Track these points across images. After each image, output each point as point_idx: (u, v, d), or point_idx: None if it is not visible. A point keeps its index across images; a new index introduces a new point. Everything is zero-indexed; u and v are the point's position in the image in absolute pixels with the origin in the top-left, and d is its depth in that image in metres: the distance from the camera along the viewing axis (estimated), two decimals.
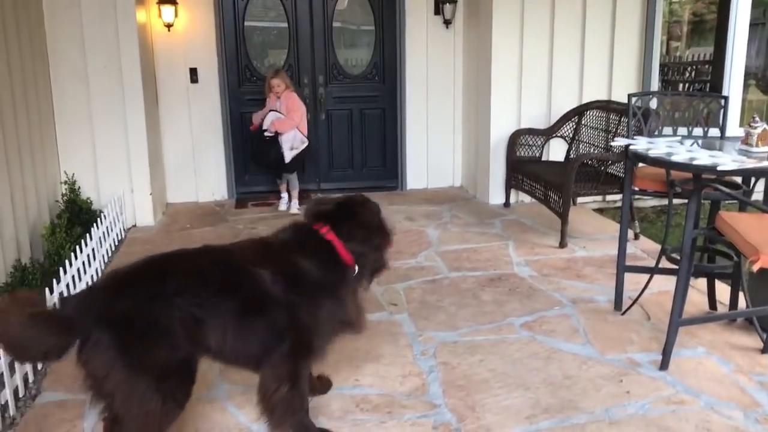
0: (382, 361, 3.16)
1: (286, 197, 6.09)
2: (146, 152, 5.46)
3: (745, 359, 3.13)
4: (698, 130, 4.14)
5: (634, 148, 3.26)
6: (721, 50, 5.95)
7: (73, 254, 3.96)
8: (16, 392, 2.86)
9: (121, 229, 5.27)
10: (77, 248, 4.06)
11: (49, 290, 3.38)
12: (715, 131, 4.07)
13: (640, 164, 3.63)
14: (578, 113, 5.82)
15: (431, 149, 6.74)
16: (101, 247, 4.55)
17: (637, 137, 3.66)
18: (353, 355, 3.18)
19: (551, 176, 5.16)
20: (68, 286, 3.71)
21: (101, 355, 2.03)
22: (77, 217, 4.94)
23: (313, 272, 2.36)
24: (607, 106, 5.54)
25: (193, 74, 6.17)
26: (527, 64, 5.93)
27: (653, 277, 3.56)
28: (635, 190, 3.91)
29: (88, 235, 4.34)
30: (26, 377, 2.99)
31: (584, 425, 2.63)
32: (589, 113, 5.73)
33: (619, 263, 3.68)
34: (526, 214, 5.76)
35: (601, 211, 5.98)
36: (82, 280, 3.96)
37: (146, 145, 5.45)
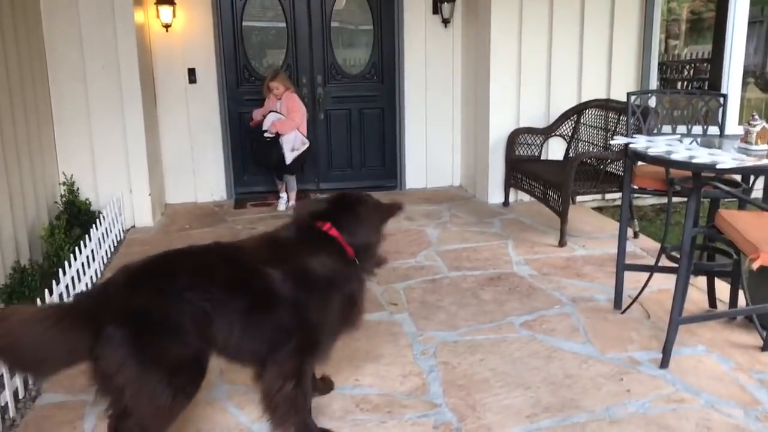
0: (382, 361, 3.16)
1: (285, 197, 6.09)
2: (145, 153, 5.46)
3: (745, 357, 3.13)
4: (697, 128, 4.15)
5: (633, 146, 3.26)
6: (719, 48, 5.95)
7: (72, 255, 3.96)
8: (16, 394, 2.85)
9: (119, 230, 5.26)
10: (76, 249, 4.06)
11: (48, 292, 3.38)
12: (714, 129, 4.07)
13: (639, 163, 3.63)
14: (577, 112, 5.82)
15: (430, 149, 6.73)
16: (100, 248, 4.55)
17: (636, 136, 3.66)
18: (353, 355, 3.18)
19: (550, 175, 5.16)
20: (67, 287, 3.71)
21: (115, 351, 2.03)
22: (76, 218, 4.93)
23: (322, 269, 2.38)
24: (606, 104, 5.54)
25: (191, 74, 6.16)
26: (526, 63, 5.93)
27: (653, 275, 3.56)
28: (634, 188, 3.91)
29: (87, 236, 4.34)
30: (26, 379, 2.97)
31: (585, 424, 2.63)
32: (587, 112, 5.73)
33: (618, 262, 3.68)
34: (525, 213, 5.76)
35: (600, 209, 5.98)
36: (81, 281, 3.95)
37: (145, 145, 5.45)
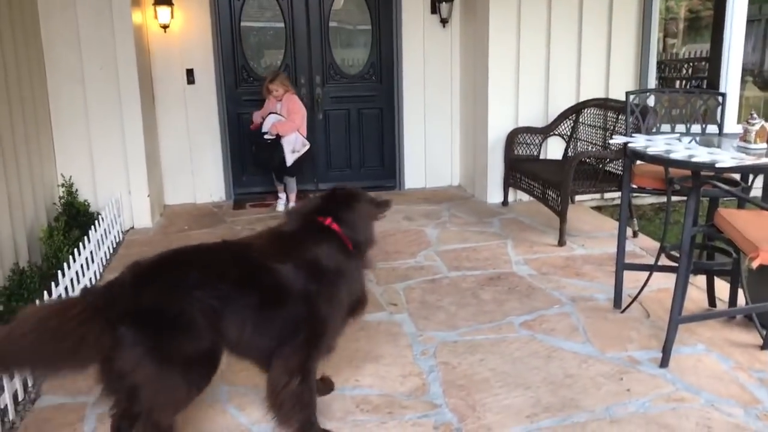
0: (382, 361, 3.16)
1: (284, 198, 6.08)
2: (143, 154, 5.45)
3: (744, 356, 3.13)
4: (696, 127, 4.15)
5: (632, 145, 3.26)
6: (718, 47, 5.95)
7: (71, 257, 3.95)
8: (15, 396, 2.85)
9: (118, 231, 5.25)
10: (75, 251, 4.05)
11: (47, 293, 3.38)
12: (712, 128, 4.07)
13: (638, 162, 3.63)
14: (576, 111, 5.82)
15: (429, 149, 6.73)
16: (99, 249, 4.54)
17: (635, 135, 3.66)
18: (353, 355, 3.18)
19: (549, 175, 5.16)
20: (66, 289, 3.70)
21: (130, 351, 2.04)
22: (75, 219, 4.93)
23: (328, 261, 2.44)
24: (604, 103, 5.53)
25: (189, 75, 6.15)
26: (524, 62, 5.93)
27: (652, 274, 3.56)
28: (634, 187, 3.92)
29: (86, 237, 4.33)
30: (25, 381, 2.97)
31: (585, 424, 2.63)
32: (586, 111, 5.73)
33: (618, 261, 3.68)
34: (524, 212, 5.76)
35: (599, 209, 5.98)
36: (80, 282, 3.95)
37: (143, 146, 5.44)
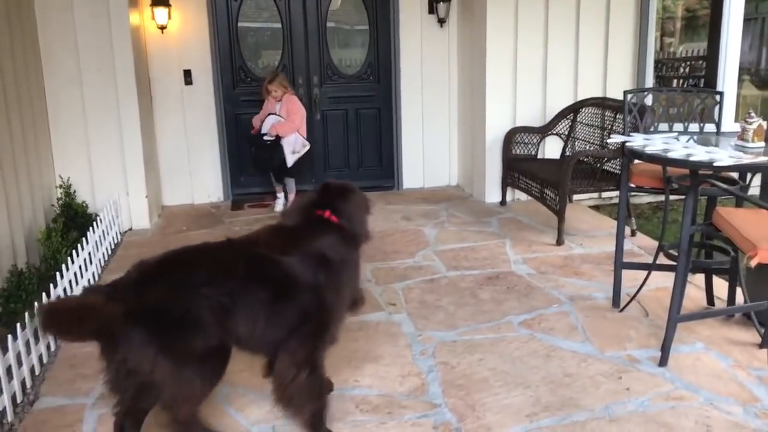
0: (381, 361, 3.15)
1: (282, 198, 6.07)
2: (141, 155, 5.44)
3: (743, 354, 3.14)
4: (694, 126, 4.15)
5: (630, 145, 3.26)
6: (715, 46, 5.96)
7: (69, 258, 3.95)
8: (14, 398, 2.84)
9: (117, 232, 5.25)
10: (73, 252, 4.04)
11: (46, 295, 3.37)
12: (710, 127, 4.08)
13: (636, 161, 3.63)
14: (573, 110, 5.83)
15: (427, 148, 6.73)
16: (97, 251, 4.54)
17: (633, 134, 3.66)
18: (352, 355, 3.18)
19: (547, 174, 5.17)
20: (65, 290, 3.70)
21: (141, 350, 2.08)
22: (73, 221, 4.92)
23: (332, 253, 2.50)
24: (602, 103, 5.54)
25: (187, 76, 6.14)
26: (522, 62, 5.93)
27: (651, 273, 3.56)
28: (632, 186, 3.92)
29: (84, 239, 4.32)
30: (24, 382, 2.97)
31: (584, 423, 2.63)
32: (584, 110, 5.73)
33: (616, 260, 3.68)
34: (522, 212, 5.76)
35: (597, 208, 5.99)
36: (78, 284, 3.94)
37: (141, 147, 5.43)
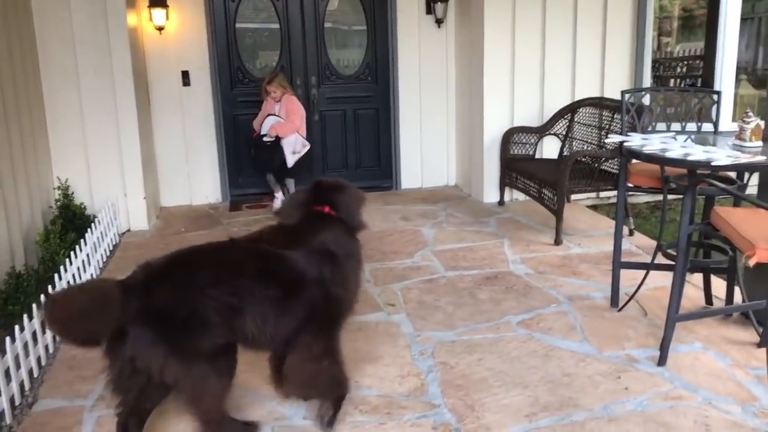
0: (380, 362, 3.16)
1: (280, 198, 6.06)
2: (139, 156, 5.44)
3: (741, 353, 3.14)
4: (691, 125, 4.16)
5: (628, 144, 3.27)
6: (712, 45, 5.97)
7: (67, 260, 3.95)
8: (12, 400, 2.84)
9: (115, 233, 5.24)
10: (72, 254, 4.04)
11: (44, 297, 3.36)
12: (708, 126, 4.08)
13: (633, 161, 3.63)
14: (571, 110, 5.83)
15: (425, 149, 6.73)
16: (96, 252, 4.53)
17: (630, 134, 3.67)
18: (351, 356, 3.16)
19: (545, 174, 5.17)
20: None
21: (151, 349, 2.12)
22: (71, 222, 4.91)
23: (336, 246, 2.57)
24: (599, 102, 5.55)
25: (185, 77, 6.13)
26: (519, 62, 5.93)
27: (649, 272, 3.57)
28: (630, 186, 3.91)
29: (82, 240, 4.32)
30: (22, 384, 2.96)
31: (583, 422, 2.63)
32: (581, 110, 5.74)
33: (614, 259, 3.69)
34: (520, 211, 5.76)
35: (595, 207, 5.99)
36: None
37: (139, 149, 5.42)
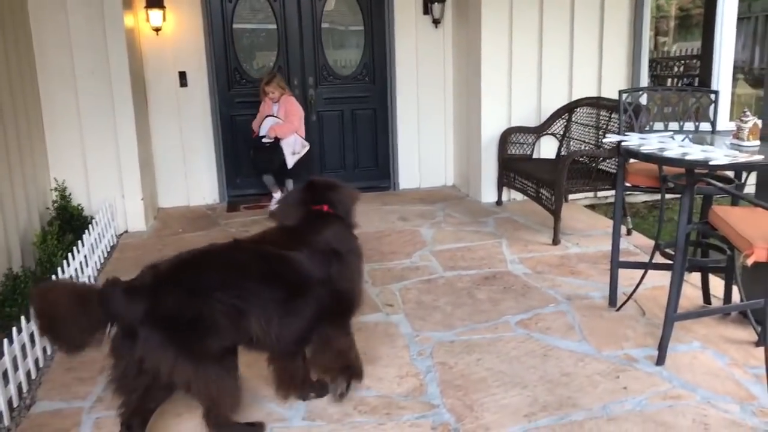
0: (379, 362, 3.15)
1: (277, 198, 6.05)
2: (137, 157, 5.43)
3: (740, 352, 3.15)
4: (689, 125, 4.16)
5: (626, 144, 3.27)
6: (709, 45, 5.99)
7: (65, 261, 3.94)
8: (10, 402, 2.83)
9: (112, 235, 5.23)
10: (69, 255, 4.03)
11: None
12: (705, 126, 4.08)
13: (631, 160, 3.64)
14: (568, 110, 5.83)
15: (423, 149, 6.73)
16: (93, 253, 4.52)
17: (628, 133, 3.67)
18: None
19: (543, 174, 5.17)
20: None
21: (161, 352, 2.16)
22: (68, 223, 4.91)
23: (339, 243, 2.68)
24: (597, 102, 5.55)
25: (182, 78, 6.12)
26: (517, 62, 5.94)
27: (647, 272, 3.57)
28: (627, 186, 3.91)
29: (80, 241, 4.31)
30: (20, 387, 2.95)
31: (582, 422, 2.63)
32: (579, 110, 5.74)
33: (612, 259, 3.69)
34: (518, 211, 5.77)
35: (593, 207, 6.00)
36: None
37: (136, 150, 5.41)
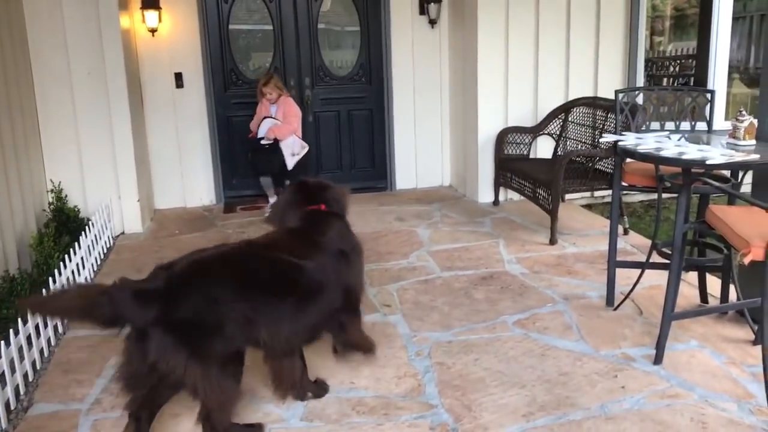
0: (377, 363, 3.15)
1: (273, 202, 6.05)
2: (133, 159, 5.41)
3: (737, 351, 3.16)
4: (685, 124, 4.17)
5: (622, 144, 3.28)
6: (704, 45, 6.00)
7: (62, 263, 3.93)
8: (7, 404, 2.82)
9: (109, 236, 5.22)
10: (66, 257, 4.02)
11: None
12: (701, 125, 4.09)
13: (628, 160, 3.65)
14: (565, 110, 5.85)
15: (420, 149, 6.73)
16: (90, 255, 4.51)
17: (625, 133, 3.68)
18: (348, 357, 3.16)
19: (540, 173, 5.18)
20: None
21: (173, 355, 2.19)
22: (65, 225, 4.89)
23: (347, 245, 2.77)
24: (593, 102, 5.56)
25: (178, 79, 6.11)
26: (513, 61, 5.95)
27: (644, 271, 3.57)
28: (624, 185, 3.92)
29: (76, 243, 4.30)
30: (17, 389, 2.94)
31: (581, 421, 2.64)
32: (575, 110, 5.75)
33: (609, 258, 3.70)
34: (515, 211, 5.77)
35: (589, 207, 6.01)
36: None
37: (133, 151, 5.40)
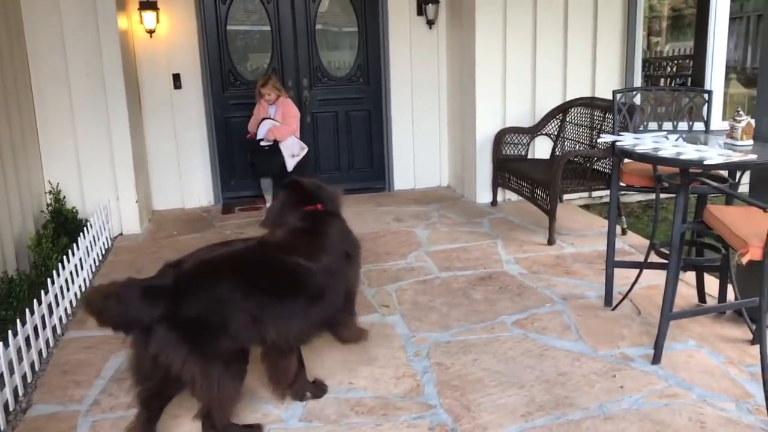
0: (375, 363, 3.15)
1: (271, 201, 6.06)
2: (131, 160, 5.41)
3: (735, 351, 3.16)
4: (683, 124, 4.17)
5: (620, 144, 3.28)
6: (702, 45, 6.02)
7: (60, 264, 3.93)
8: (6, 406, 2.82)
9: (107, 237, 5.21)
10: (64, 258, 4.02)
11: (37, 302, 3.35)
12: (699, 126, 4.10)
13: (626, 160, 3.65)
14: (562, 111, 5.86)
15: (418, 150, 6.74)
16: (88, 256, 4.51)
17: (622, 133, 3.68)
18: (347, 358, 3.17)
19: (538, 174, 5.19)
20: (56, 296, 3.67)
21: (174, 350, 2.21)
22: (63, 226, 4.89)
23: (346, 243, 2.83)
24: (591, 102, 5.57)
25: (176, 80, 6.11)
26: (511, 62, 5.95)
27: (642, 271, 3.58)
28: (622, 185, 3.93)
29: (74, 244, 4.30)
30: (16, 390, 2.94)
31: (579, 421, 2.64)
32: (573, 110, 5.76)
33: (608, 259, 3.70)
34: (513, 212, 5.78)
35: (587, 207, 6.02)
36: (70, 290, 3.92)
37: (131, 152, 5.40)
